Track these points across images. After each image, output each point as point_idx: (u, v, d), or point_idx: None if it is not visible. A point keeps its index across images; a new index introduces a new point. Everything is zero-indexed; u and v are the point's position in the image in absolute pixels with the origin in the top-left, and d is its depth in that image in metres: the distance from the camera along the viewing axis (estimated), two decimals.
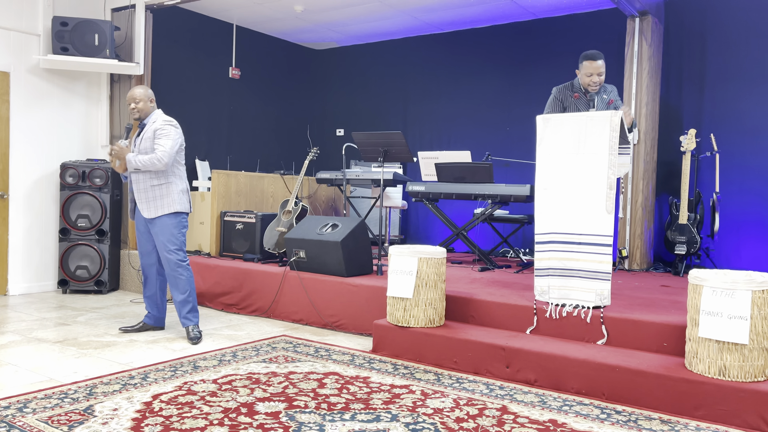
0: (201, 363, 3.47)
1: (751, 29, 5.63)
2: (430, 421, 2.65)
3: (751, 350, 2.74)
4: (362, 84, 8.22)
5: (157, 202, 3.95)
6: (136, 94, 3.98)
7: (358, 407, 2.80)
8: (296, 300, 4.61)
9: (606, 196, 3.41)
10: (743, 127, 5.65)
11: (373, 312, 4.19)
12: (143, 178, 3.95)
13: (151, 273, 4.12)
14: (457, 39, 7.41)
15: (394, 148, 4.85)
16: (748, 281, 2.77)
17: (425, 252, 3.69)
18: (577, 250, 3.48)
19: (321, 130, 8.57)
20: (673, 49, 5.94)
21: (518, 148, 6.70)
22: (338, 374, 3.31)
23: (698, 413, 2.77)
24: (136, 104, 3.98)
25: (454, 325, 3.77)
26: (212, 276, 5.12)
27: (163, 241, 3.96)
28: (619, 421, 2.73)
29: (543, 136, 3.60)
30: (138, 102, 3.97)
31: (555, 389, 3.14)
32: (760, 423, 2.64)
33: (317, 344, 3.96)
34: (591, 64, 4.04)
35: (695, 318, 2.89)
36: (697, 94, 5.88)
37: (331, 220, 4.76)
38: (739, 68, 5.68)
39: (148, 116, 4.01)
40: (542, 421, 2.69)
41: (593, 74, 4.05)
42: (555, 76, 6.68)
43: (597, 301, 3.44)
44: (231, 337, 4.13)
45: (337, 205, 7.00)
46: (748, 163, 5.62)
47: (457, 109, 7.41)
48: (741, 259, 5.60)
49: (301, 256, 4.68)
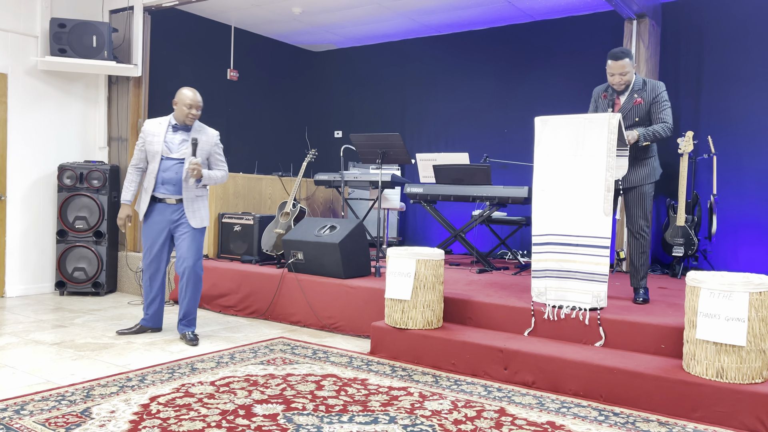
0: (199, 365, 3.47)
1: (747, 32, 5.64)
2: (428, 423, 2.65)
3: (749, 352, 2.75)
4: (360, 86, 8.23)
5: (201, 213, 4.03)
6: (201, 102, 4.02)
7: (356, 409, 2.80)
8: (294, 302, 4.61)
9: (604, 198, 3.41)
10: (741, 129, 5.66)
11: (371, 314, 4.18)
12: (192, 188, 3.99)
13: (159, 274, 4.11)
14: (456, 41, 7.42)
15: (393, 150, 4.86)
16: (745, 283, 2.77)
17: (423, 254, 3.69)
18: (574, 252, 3.48)
19: (319, 132, 8.57)
20: (670, 51, 5.95)
21: (516, 150, 6.71)
22: (336, 376, 3.31)
23: (696, 415, 2.77)
24: (198, 111, 4.01)
25: (452, 326, 3.77)
26: (210, 278, 5.11)
27: (195, 250, 3.99)
28: (617, 423, 2.73)
29: (541, 138, 3.60)
30: (200, 110, 4.02)
31: (553, 391, 3.14)
32: (757, 425, 2.64)
33: (315, 346, 3.96)
34: (613, 63, 3.79)
35: (693, 320, 2.89)
36: (694, 96, 5.90)
37: (329, 222, 4.76)
38: (736, 70, 5.69)
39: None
40: (540, 423, 2.69)
41: (615, 74, 3.80)
42: (553, 78, 6.71)
43: (594, 302, 3.45)
44: (229, 339, 4.12)
45: (335, 206, 7.00)
46: (746, 165, 5.63)
47: (455, 110, 7.42)
48: (738, 261, 5.61)
49: (299, 258, 4.68)
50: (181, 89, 4.00)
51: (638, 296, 3.82)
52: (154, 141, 3.98)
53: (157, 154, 3.95)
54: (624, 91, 3.86)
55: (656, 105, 3.80)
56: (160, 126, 4.01)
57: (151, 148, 3.99)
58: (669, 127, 3.76)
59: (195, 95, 3.99)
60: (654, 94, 3.80)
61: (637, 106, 3.82)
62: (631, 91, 3.85)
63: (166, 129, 4.00)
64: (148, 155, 4.01)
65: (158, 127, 4.01)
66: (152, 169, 3.97)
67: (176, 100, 3.99)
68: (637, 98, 3.83)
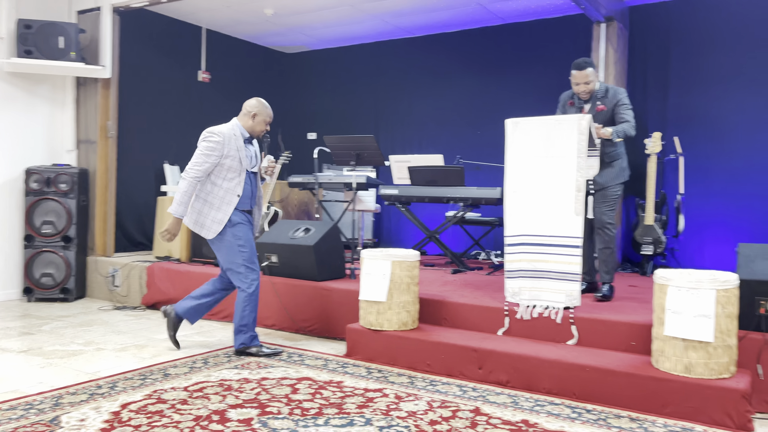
0: (171, 371, 3.42)
1: (713, 34, 5.78)
2: (404, 425, 2.65)
3: (716, 348, 2.81)
4: (334, 88, 8.21)
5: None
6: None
7: (332, 412, 2.79)
8: (268, 305, 4.57)
9: (575, 198, 3.46)
10: (707, 130, 5.80)
11: (346, 316, 4.18)
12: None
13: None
14: (429, 43, 7.45)
15: (367, 152, 4.86)
16: (711, 280, 2.84)
17: (398, 255, 3.70)
18: (546, 252, 3.53)
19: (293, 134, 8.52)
20: (637, 54, 6.07)
21: (489, 151, 6.76)
22: (311, 379, 3.30)
23: (666, 410, 2.83)
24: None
25: (427, 327, 3.78)
26: (182, 282, 5.04)
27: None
28: (590, 420, 2.77)
29: (512, 140, 3.64)
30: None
31: (527, 390, 3.17)
32: (725, 419, 2.71)
33: (290, 349, 3.93)
34: (577, 73, 3.86)
35: (661, 317, 2.95)
36: (661, 98, 6.02)
37: (303, 224, 4.74)
38: (702, 73, 5.83)
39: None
40: (515, 422, 2.72)
41: (580, 83, 3.87)
42: (524, 80, 6.78)
43: (567, 301, 3.49)
44: (202, 344, 4.08)
45: (309, 209, 6.97)
46: (712, 165, 5.77)
47: (429, 112, 7.45)
48: (705, 259, 5.74)
49: (273, 261, 4.65)
50: (262, 101, 3.79)
51: (599, 292, 3.91)
52: (239, 155, 3.68)
53: (242, 168, 3.70)
54: (588, 100, 3.98)
55: (618, 108, 3.92)
56: (236, 139, 3.69)
57: (233, 163, 3.66)
58: (633, 125, 3.92)
59: (270, 110, 3.83)
60: (615, 100, 3.92)
61: (601, 113, 3.93)
62: (594, 98, 3.96)
63: (246, 143, 3.75)
64: (227, 169, 3.66)
65: (235, 140, 3.69)
66: (239, 181, 3.69)
67: (257, 113, 3.74)
68: (600, 105, 3.94)
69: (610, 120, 3.93)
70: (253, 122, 3.75)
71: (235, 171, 3.67)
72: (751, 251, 3.22)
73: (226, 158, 3.64)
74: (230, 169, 3.66)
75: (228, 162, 3.65)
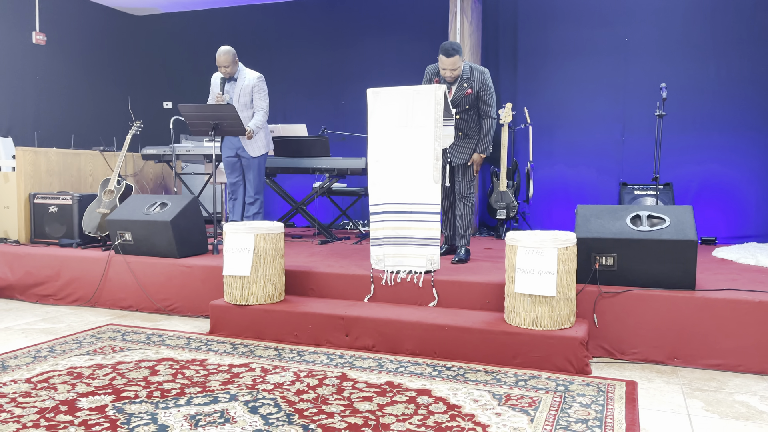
0: (11, 362, 3.11)
1: (556, 10, 6.20)
2: (270, 397, 2.63)
3: (558, 301, 3.08)
4: (190, 54, 7.78)
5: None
6: (225, 60, 4.81)
7: (195, 391, 2.70)
8: (124, 286, 4.30)
9: (433, 166, 3.58)
10: (551, 101, 6.25)
11: (209, 293, 4.04)
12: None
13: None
14: (287, 11, 7.28)
15: (226, 122, 4.66)
16: (554, 240, 3.09)
17: (262, 228, 3.62)
18: (408, 219, 3.63)
19: (145, 102, 7.99)
20: (490, 26, 6.36)
21: (354, 121, 6.80)
22: (173, 359, 3.16)
23: (516, 361, 3.06)
24: (226, 68, 4.78)
25: (294, 299, 3.76)
26: (23, 265, 4.59)
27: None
28: (449, 376, 2.92)
29: (374, 110, 3.68)
30: (226, 67, 4.78)
31: (392, 352, 3.28)
32: (566, 365, 2.98)
33: (149, 330, 3.74)
34: (445, 59, 3.89)
35: (512, 276, 3.17)
36: (512, 69, 6.38)
37: (159, 199, 4.48)
38: (547, 46, 6.25)
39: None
40: (379, 384, 2.80)
41: (447, 68, 3.92)
42: (384, 50, 6.86)
43: (428, 266, 3.63)
44: (48, 331, 3.75)
45: (167, 182, 6.60)
46: (556, 134, 6.24)
47: (291, 82, 7.31)
48: (552, 221, 6.25)
49: (127, 239, 4.36)
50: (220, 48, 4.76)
51: (457, 256, 4.13)
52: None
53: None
54: (454, 82, 4.07)
55: (482, 94, 4.07)
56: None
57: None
58: (492, 116, 4.12)
59: (218, 56, 4.75)
60: (480, 82, 4.05)
61: (468, 96, 4.05)
62: (461, 80, 4.05)
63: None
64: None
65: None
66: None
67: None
68: (467, 88, 4.04)
69: (475, 101, 4.09)
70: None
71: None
72: (587, 212, 3.54)
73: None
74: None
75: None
